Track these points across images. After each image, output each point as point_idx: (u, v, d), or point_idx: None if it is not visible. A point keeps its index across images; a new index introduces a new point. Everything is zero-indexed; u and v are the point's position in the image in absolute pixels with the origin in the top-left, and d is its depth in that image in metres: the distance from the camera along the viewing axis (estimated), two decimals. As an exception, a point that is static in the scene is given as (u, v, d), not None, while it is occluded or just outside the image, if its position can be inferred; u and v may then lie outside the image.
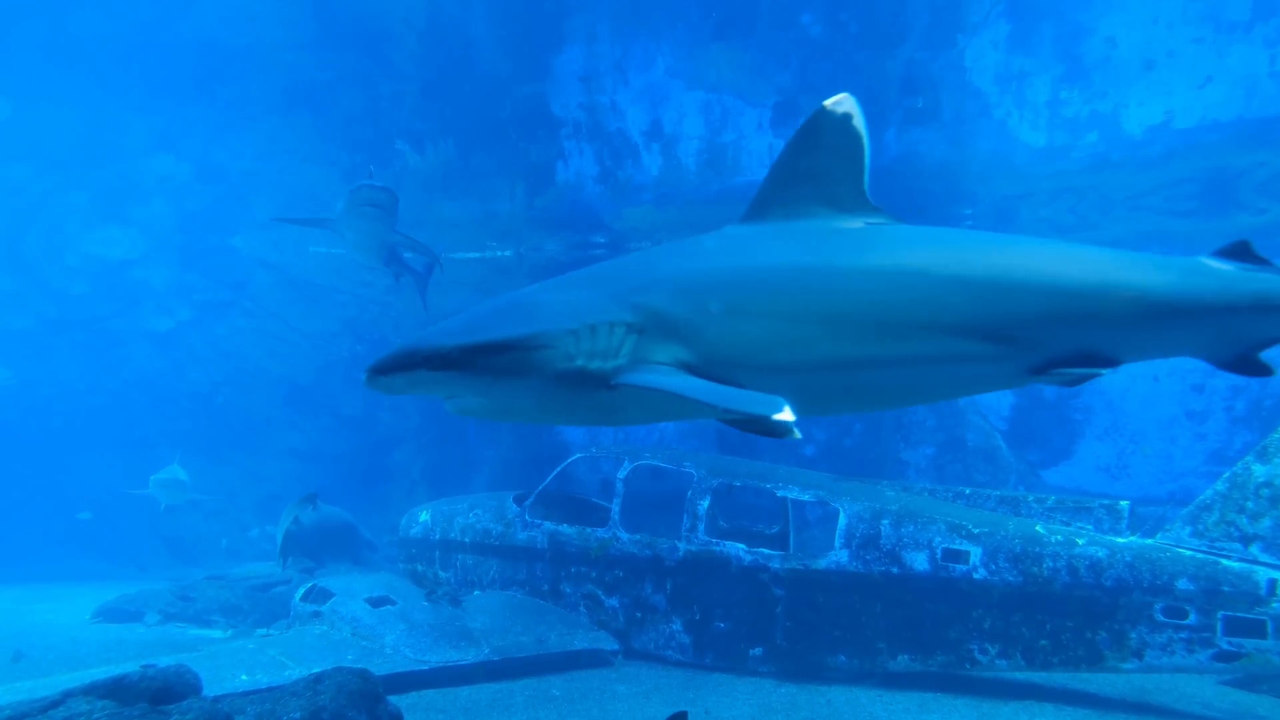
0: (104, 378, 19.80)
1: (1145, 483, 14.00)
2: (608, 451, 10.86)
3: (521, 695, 7.80)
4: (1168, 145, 13.08)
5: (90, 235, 18.13)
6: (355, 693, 5.60)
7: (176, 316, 19.50)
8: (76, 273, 18.48)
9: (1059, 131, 13.82)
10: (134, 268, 18.58)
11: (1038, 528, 8.08)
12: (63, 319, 19.03)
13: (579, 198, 15.82)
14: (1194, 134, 12.94)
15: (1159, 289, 2.91)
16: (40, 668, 8.40)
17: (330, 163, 16.26)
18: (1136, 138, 13.18)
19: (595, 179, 15.56)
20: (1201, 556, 7.46)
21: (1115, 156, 13.32)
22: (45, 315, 18.85)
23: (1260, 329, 2.94)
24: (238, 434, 19.17)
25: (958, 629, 8.09)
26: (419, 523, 11.59)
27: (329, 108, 15.77)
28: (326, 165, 16.34)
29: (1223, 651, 7.22)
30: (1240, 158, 12.85)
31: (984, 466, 14.77)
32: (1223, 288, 2.92)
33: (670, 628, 9.26)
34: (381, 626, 8.66)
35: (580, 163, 15.81)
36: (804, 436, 15.54)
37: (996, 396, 14.99)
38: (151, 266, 18.82)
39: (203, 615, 11.79)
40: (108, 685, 5.38)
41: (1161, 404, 14.14)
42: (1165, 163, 13.20)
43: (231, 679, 7.26)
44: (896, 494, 9.00)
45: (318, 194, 17.05)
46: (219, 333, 19.81)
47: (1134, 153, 13.24)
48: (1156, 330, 2.96)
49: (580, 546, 9.77)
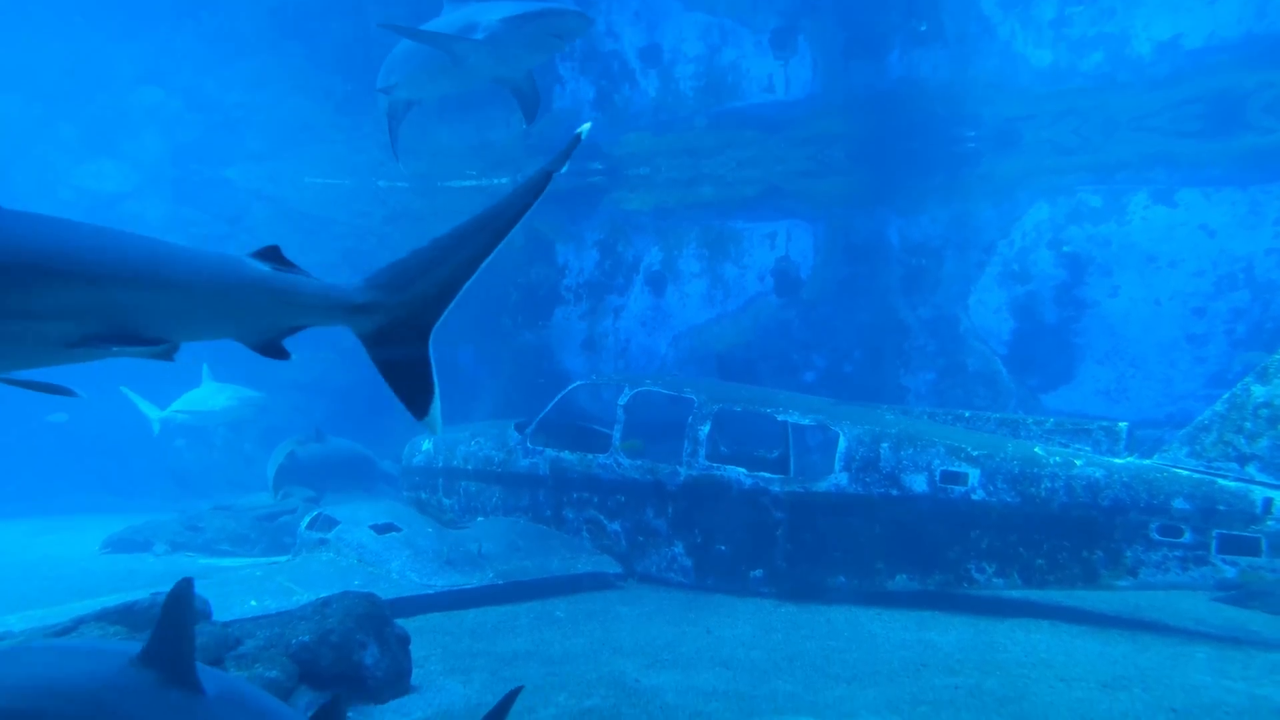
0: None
1: (1144, 406, 14.06)
2: (608, 379, 10.88)
3: (526, 617, 7.94)
4: (1175, 65, 12.85)
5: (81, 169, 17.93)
6: (362, 616, 5.70)
7: (166, 247, 19.37)
8: (69, 207, 18.31)
9: (1064, 51, 13.57)
10: (127, 201, 18.41)
11: (1036, 449, 8.14)
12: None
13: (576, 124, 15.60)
14: (1202, 54, 12.71)
15: (198, 281, 3.14)
16: (52, 597, 8.54)
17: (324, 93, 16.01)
18: (1143, 58, 12.96)
19: (592, 104, 15.32)
20: (1198, 476, 7.52)
21: (1121, 77, 13.11)
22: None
23: (282, 320, 3.30)
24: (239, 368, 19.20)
25: (956, 549, 8.20)
26: (421, 451, 11.67)
27: (319, 35, 15.47)
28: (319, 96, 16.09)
29: (1216, 569, 7.33)
30: (1248, 77, 12.64)
31: (984, 392, 14.83)
32: (256, 284, 3.22)
33: (672, 551, 9.38)
34: (387, 553, 8.77)
35: (576, 88, 15.55)
36: (804, 362, 15.63)
37: (997, 321, 14.99)
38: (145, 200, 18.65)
39: (210, 545, 11.96)
40: (119, 611, 5.48)
41: (1162, 327, 14.13)
42: (1172, 83, 12.99)
43: (240, 605, 7.38)
44: (896, 418, 9.04)
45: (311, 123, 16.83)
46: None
47: (1141, 73, 13.03)
48: (194, 317, 3.23)
49: (582, 473, 9.86)
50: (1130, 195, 14.36)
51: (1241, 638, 7.40)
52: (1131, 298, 14.29)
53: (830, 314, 15.83)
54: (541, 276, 17.52)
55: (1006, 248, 15.08)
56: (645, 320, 17.00)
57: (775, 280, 16.26)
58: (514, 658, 6.53)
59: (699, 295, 16.71)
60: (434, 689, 5.76)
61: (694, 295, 16.74)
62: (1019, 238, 15.00)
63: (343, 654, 5.39)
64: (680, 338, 16.73)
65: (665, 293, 16.87)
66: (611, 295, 17.23)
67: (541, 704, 5.35)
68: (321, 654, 5.31)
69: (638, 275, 17.09)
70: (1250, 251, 13.58)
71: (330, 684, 5.27)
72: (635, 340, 17.03)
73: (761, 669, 6.22)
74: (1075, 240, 14.60)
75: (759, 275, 16.41)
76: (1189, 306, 13.96)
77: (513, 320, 17.66)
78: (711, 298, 16.64)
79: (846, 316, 15.72)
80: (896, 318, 15.54)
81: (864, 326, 15.64)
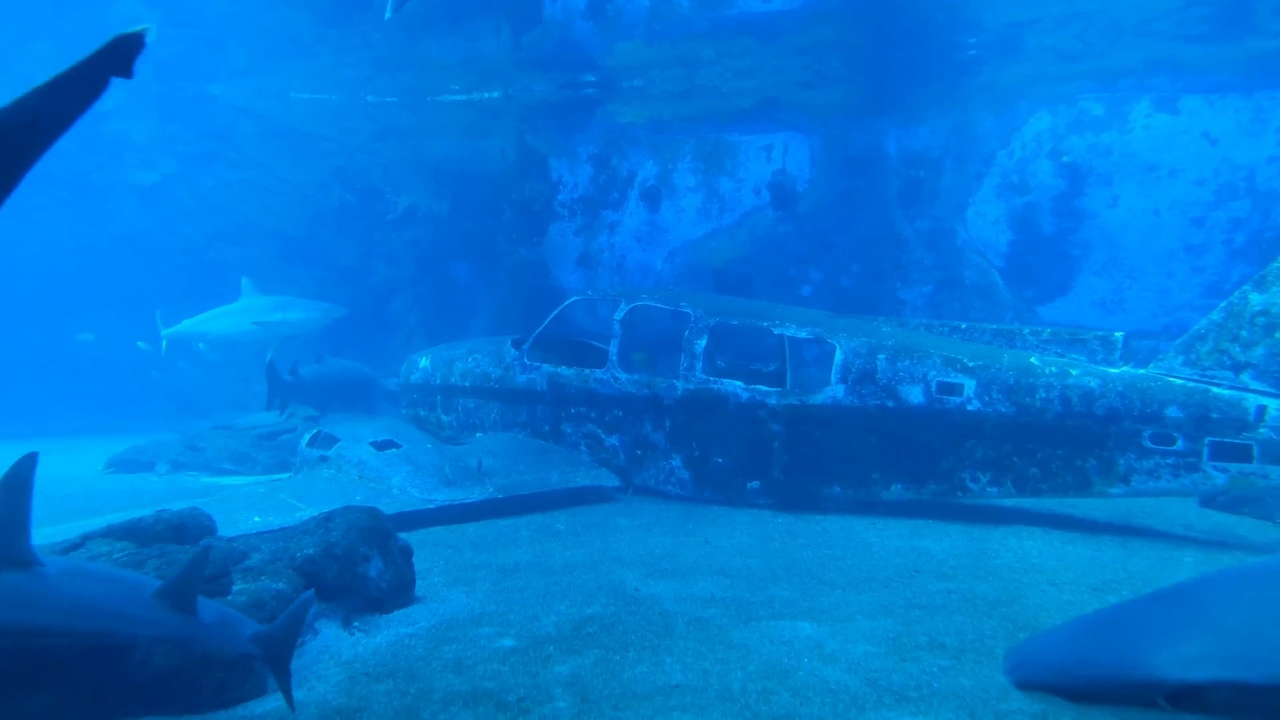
0: (93, 235, 19.58)
1: (1140, 317, 14.08)
2: (604, 294, 10.85)
3: (527, 530, 8.05)
4: (1183, -36, 12.53)
5: (63, 86, 17.52)
6: (365, 529, 5.77)
7: (161, 170, 19.12)
8: (53, 126, 17.96)
9: (1070, -50, 13.19)
10: (111, 119, 18.06)
11: (1032, 360, 8.17)
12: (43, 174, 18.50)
13: (567, 35, 15.23)
14: (1211, -48, 12.38)
15: None
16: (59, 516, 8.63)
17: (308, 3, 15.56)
18: (1151, -45, 12.62)
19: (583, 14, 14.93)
20: (1192, 385, 7.56)
21: (1128, -24, 12.78)
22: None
23: None
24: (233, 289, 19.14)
25: (951, 459, 8.29)
26: (419, 369, 11.70)
27: (302, -59, 14.98)
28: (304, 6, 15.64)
29: (1207, 475, 7.42)
30: (1258, -23, 12.34)
31: (980, 304, 14.83)
32: None
33: (670, 464, 9.48)
34: (388, 469, 8.85)
35: (568, -5, 15.12)
36: (800, 276, 15.56)
37: (995, 233, 14.90)
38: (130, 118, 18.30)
39: (212, 464, 12.07)
40: (125, 528, 5.54)
41: (1160, 238, 14.06)
42: (1180, -17, 12.68)
43: (244, 521, 7.47)
44: (893, 329, 9.05)
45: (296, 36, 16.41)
46: (206, 185, 19.46)
47: (1148, -28, 12.70)
48: None
49: (580, 388, 9.90)
50: (1133, 103, 14.14)
51: (1229, 542, 7.54)
52: (1131, 208, 14.19)
53: (827, 228, 15.71)
54: (535, 192, 17.31)
55: (1006, 158, 14.90)
56: (641, 235, 16.87)
57: (772, 194, 16.09)
58: (515, 569, 6.64)
59: (695, 209, 16.55)
60: (438, 599, 5.86)
61: (689, 210, 16.58)
62: (1019, 148, 14.82)
63: (347, 566, 5.47)
64: (676, 253, 16.63)
65: (661, 207, 16.71)
66: (606, 210, 17.06)
67: (544, 613, 5.46)
68: (326, 567, 5.39)
69: (633, 190, 16.90)
70: (1252, 160, 13.43)
71: (336, 595, 5.37)
72: (631, 256, 16.93)
73: (759, 577, 6.34)
74: (1076, 150, 14.43)
75: (755, 189, 16.24)
76: (1188, 216, 13.87)
77: (507, 237, 17.52)
78: (707, 212, 16.49)
79: (843, 230, 15.61)
80: (894, 231, 15.43)
81: (861, 240, 15.54)
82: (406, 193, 18.91)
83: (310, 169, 19.37)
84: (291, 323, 14.21)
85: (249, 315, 14.37)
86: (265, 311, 14.12)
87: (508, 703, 4.06)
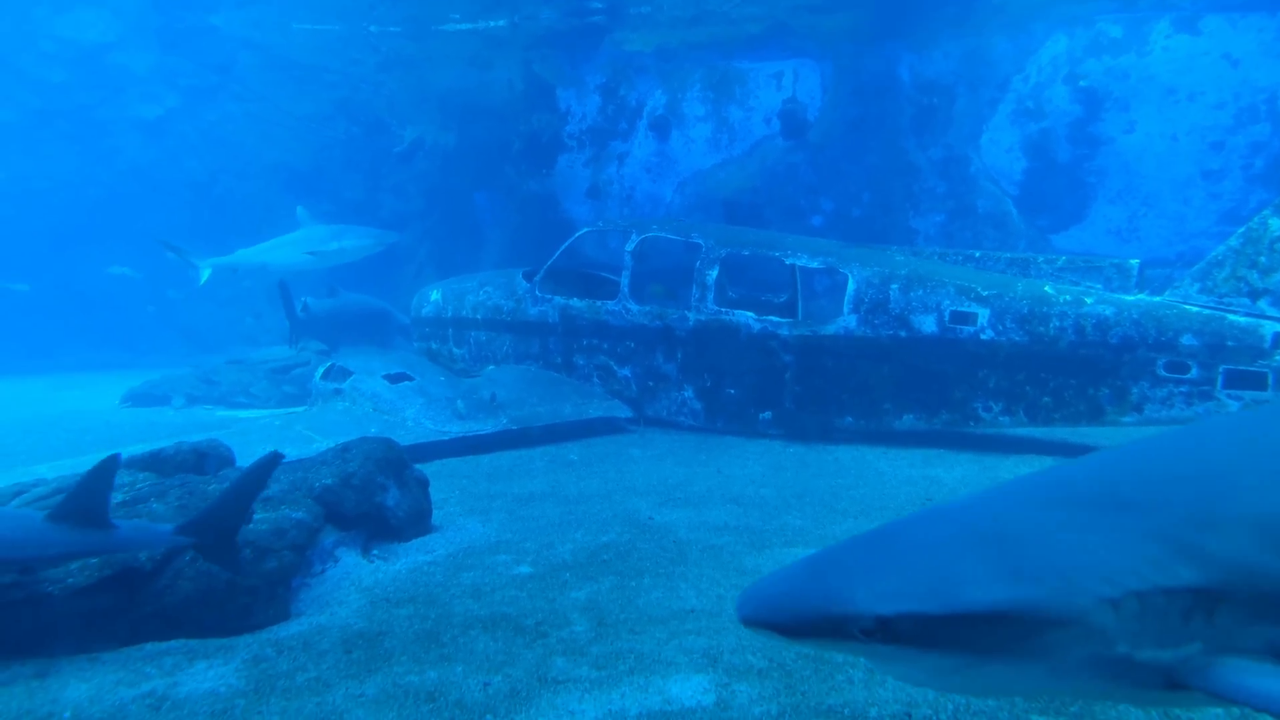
0: (98, 170, 19.47)
1: (1155, 245, 13.93)
2: (615, 225, 10.78)
3: (541, 461, 8.13)
4: None
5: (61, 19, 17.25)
6: (381, 459, 5.83)
7: (164, 103, 18.91)
8: (53, 59, 17.74)
9: None
10: (112, 52, 17.81)
11: (1046, 288, 8.11)
12: (46, 109, 18.46)
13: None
14: None
15: None
16: (79, 448, 8.75)
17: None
18: None
19: (590, -64, 14.55)
20: (1208, 312, 7.51)
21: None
22: (28, 106, 18.27)
23: None
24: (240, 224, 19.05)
25: (963, 389, 8.29)
26: (430, 302, 11.69)
27: None
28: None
29: (1221, 404, 7.42)
30: None
31: (993, 233, 14.68)
32: None
33: (682, 395, 9.52)
34: (401, 401, 8.91)
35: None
36: (811, 207, 15.39)
37: (1009, 160, 14.69)
38: (131, 50, 18.03)
39: (227, 397, 12.17)
40: (145, 459, 5.61)
41: (1178, 164, 13.84)
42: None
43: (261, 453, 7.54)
44: (906, 258, 8.98)
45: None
46: (210, 119, 19.27)
47: None
48: None
49: (591, 320, 9.89)
50: (1152, 24, 13.79)
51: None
52: (1148, 133, 13.94)
53: (838, 157, 15.50)
54: (544, 124, 17.10)
55: (1021, 83, 14.62)
56: (650, 166, 16.69)
57: (782, 122, 15.86)
58: (530, 498, 6.72)
59: (704, 139, 16.34)
60: (454, 527, 5.95)
61: (699, 140, 16.37)
62: (1035, 73, 14.52)
63: (365, 495, 5.54)
64: (686, 183, 16.47)
65: (670, 137, 16.50)
66: (615, 141, 16.86)
67: (559, 540, 5.53)
68: (345, 496, 5.46)
69: (641, 120, 16.67)
70: (1274, 82, 13.15)
71: (354, 524, 5.45)
72: (640, 187, 16.77)
73: (771, 505, 6.40)
74: (1093, 74, 14.13)
75: (765, 118, 16.00)
76: (1207, 141, 13.63)
77: (516, 169, 17.35)
78: (717, 142, 16.28)
79: (855, 159, 15.40)
80: (906, 159, 15.22)
81: (872, 169, 15.34)
82: (412, 125, 18.69)
83: (314, 101, 19.13)
84: (348, 250, 14.04)
85: (305, 245, 14.15)
86: (321, 240, 13.96)
87: (526, 627, 4.14)
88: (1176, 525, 1.92)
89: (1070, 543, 1.94)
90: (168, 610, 4.18)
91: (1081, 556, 1.91)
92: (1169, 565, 1.85)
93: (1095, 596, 1.83)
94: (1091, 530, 1.96)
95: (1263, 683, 1.77)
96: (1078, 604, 1.83)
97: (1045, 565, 1.91)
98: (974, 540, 2.02)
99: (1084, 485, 2.14)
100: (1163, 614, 1.83)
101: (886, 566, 2.02)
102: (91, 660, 3.85)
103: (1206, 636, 1.83)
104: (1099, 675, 1.90)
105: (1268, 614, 1.83)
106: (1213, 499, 1.97)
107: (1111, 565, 1.87)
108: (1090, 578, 1.86)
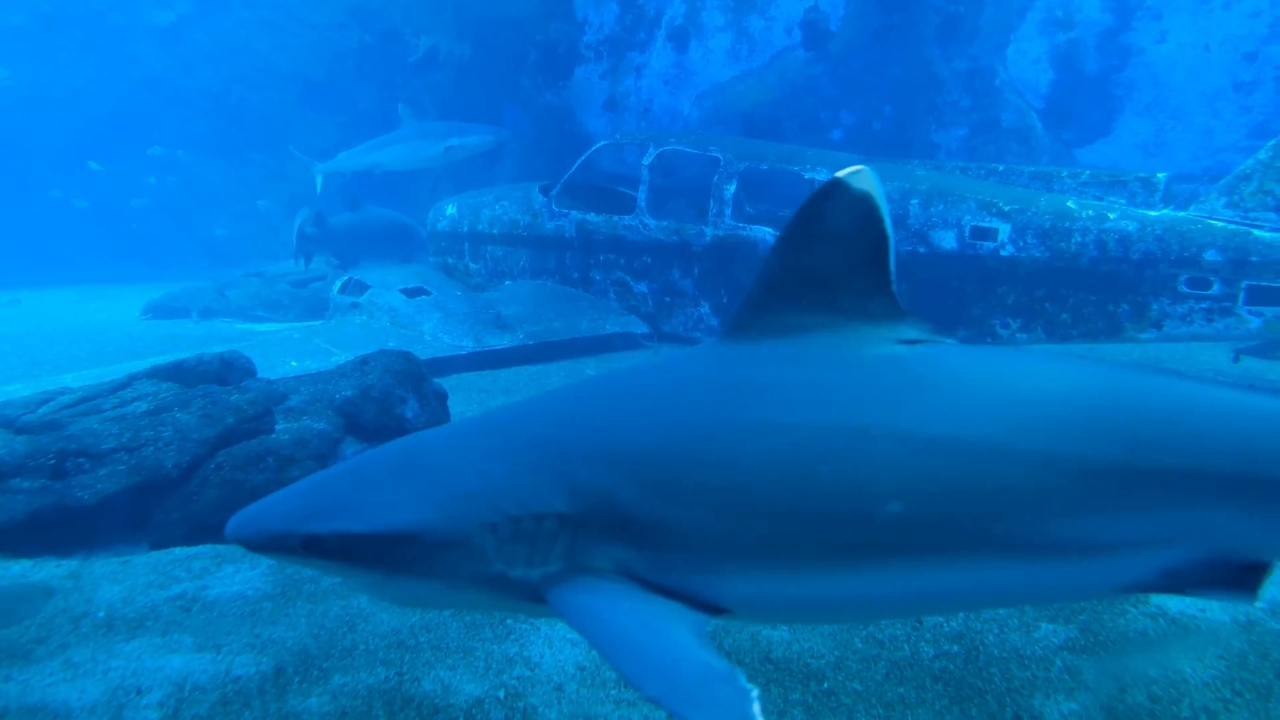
0: (114, 78, 19.29)
1: (1181, 159, 13.63)
2: (632, 138, 10.63)
3: (558, 375, 8.19)
4: None
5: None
6: (400, 372, 5.90)
7: (177, 9, 18.60)
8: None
9: None
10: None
11: (1069, 203, 8.00)
12: (59, 15, 18.21)
13: None
14: None
15: None
16: (102, 359, 8.87)
17: None
18: None
19: None
20: (1233, 227, 7.39)
21: None
22: (40, 10, 18.03)
23: None
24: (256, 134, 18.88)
25: (982, 305, 8.25)
26: (446, 216, 11.64)
27: None
28: None
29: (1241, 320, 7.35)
30: None
31: (1017, 148, 14.39)
32: None
33: (698, 311, 9.51)
34: (418, 315, 8.96)
35: None
36: (831, 120, 15.09)
37: (1035, 72, 14.33)
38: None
39: (246, 310, 12.26)
40: (169, 369, 5.69)
41: (1209, 75, 13.45)
42: None
43: (282, 365, 7.65)
44: (927, 173, 8.85)
45: None
46: (225, 26, 18.95)
47: None
48: None
49: (608, 234, 9.84)
50: (1191, -72, 13.28)
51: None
52: (1179, 43, 13.53)
53: (860, 69, 15.13)
54: (560, 33, 16.73)
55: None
56: (668, 79, 16.37)
57: (804, 33, 15.45)
58: (548, 411, 6.79)
59: (723, 51, 15.97)
60: (473, 439, 6.03)
61: (718, 51, 16.00)
62: (1066, -21, 14.06)
63: (384, 407, 5.62)
64: (704, 96, 16.16)
65: (688, 49, 16.13)
66: (633, 52, 16.50)
67: (576, 451, 5.61)
68: (364, 407, 5.54)
69: (659, 30, 16.28)
70: (1315, -11, 12.69)
71: (374, 436, 5.54)
72: (658, 100, 16.48)
73: (786, 419, 6.44)
74: (1126, -20, 13.67)
75: (786, 28, 15.59)
76: (1240, 51, 13.22)
77: (532, 81, 17.05)
78: (736, 53, 15.91)
79: (877, 71, 15.04)
80: (930, 71, 14.85)
81: (895, 81, 14.99)
82: (427, 34, 18.32)
83: (328, 8, 18.76)
84: (469, 145, 13.89)
85: (427, 140, 13.92)
86: (440, 136, 13.82)
87: (544, 534, 4.23)
88: (561, 459, 2.14)
89: (476, 472, 2.17)
90: (194, 515, 4.29)
91: (478, 484, 2.14)
92: (546, 495, 2.08)
93: (477, 521, 2.07)
94: (500, 461, 2.18)
95: (580, 598, 2.01)
96: (461, 528, 2.07)
97: (448, 493, 2.15)
98: (410, 468, 2.27)
99: (521, 421, 2.35)
100: (531, 537, 2.07)
101: (335, 490, 2.27)
102: (124, 563, 3.98)
103: (568, 557, 2.06)
104: (483, 590, 2.12)
105: (615, 535, 2.06)
106: (590, 436, 2.20)
107: (500, 494, 2.10)
108: (478, 504, 2.09)
